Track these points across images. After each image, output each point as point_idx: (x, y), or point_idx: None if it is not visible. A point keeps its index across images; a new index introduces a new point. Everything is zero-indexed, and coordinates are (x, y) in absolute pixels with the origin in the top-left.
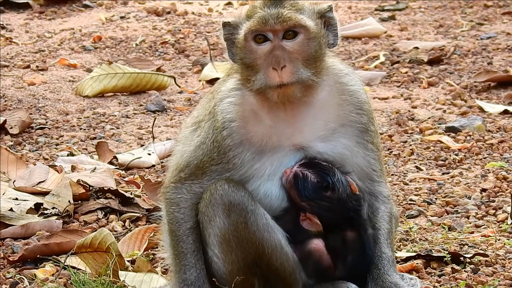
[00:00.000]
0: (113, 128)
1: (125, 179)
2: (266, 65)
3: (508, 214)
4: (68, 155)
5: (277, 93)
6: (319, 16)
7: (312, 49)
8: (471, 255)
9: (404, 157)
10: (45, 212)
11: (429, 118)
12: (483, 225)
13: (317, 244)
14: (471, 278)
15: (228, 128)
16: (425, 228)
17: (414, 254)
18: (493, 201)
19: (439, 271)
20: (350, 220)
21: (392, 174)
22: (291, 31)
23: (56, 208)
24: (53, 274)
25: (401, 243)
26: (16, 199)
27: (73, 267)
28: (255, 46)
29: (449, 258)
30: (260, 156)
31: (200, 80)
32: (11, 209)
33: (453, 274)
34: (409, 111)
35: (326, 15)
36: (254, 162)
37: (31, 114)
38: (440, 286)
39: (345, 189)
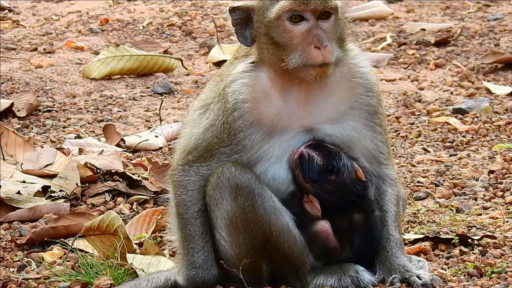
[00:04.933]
0: (120, 111)
1: (133, 161)
2: (305, 44)
3: None
4: (75, 138)
5: (316, 72)
6: None
7: (342, 29)
8: (479, 237)
9: (412, 139)
10: (53, 195)
11: (436, 99)
12: (491, 207)
13: (323, 226)
14: (479, 260)
15: (240, 109)
16: (432, 210)
17: (422, 236)
18: (501, 183)
19: (447, 253)
20: (356, 203)
21: (400, 156)
22: (325, 12)
23: (64, 191)
24: (60, 257)
25: (408, 225)
26: (24, 182)
27: (81, 250)
28: (291, 25)
29: (457, 240)
30: (269, 138)
31: (207, 62)
32: (18, 192)
33: (461, 256)
34: (416, 92)
35: None
36: (263, 144)
37: (38, 97)
38: (448, 268)
39: (350, 174)
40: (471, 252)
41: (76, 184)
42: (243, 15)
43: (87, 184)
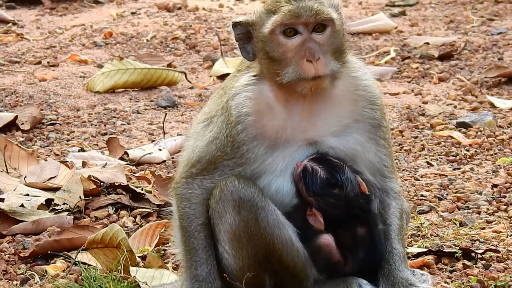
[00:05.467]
0: (124, 124)
1: (136, 174)
2: (298, 58)
3: None
4: (79, 151)
5: (310, 85)
6: (336, 8)
7: (339, 41)
8: (482, 251)
9: (415, 152)
10: (56, 208)
11: (440, 113)
12: (494, 221)
13: (327, 239)
14: (482, 274)
15: (243, 122)
16: (436, 224)
17: (425, 249)
18: (504, 197)
19: (450, 267)
20: (359, 216)
21: (403, 170)
22: (320, 24)
23: (67, 204)
24: (64, 270)
25: (412, 239)
26: (27, 195)
27: (84, 263)
28: (284, 39)
29: (460, 254)
30: (273, 151)
31: (211, 76)
32: (22, 205)
33: (465, 270)
34: (419, 106)
35: (338, 8)
36: (266, 157)
37: (42, 110)
38: (451, 282)
39: (354, 188)
40: (474, 266)
41: (80, 197)
42: (245, 30)
43: (91, 197)
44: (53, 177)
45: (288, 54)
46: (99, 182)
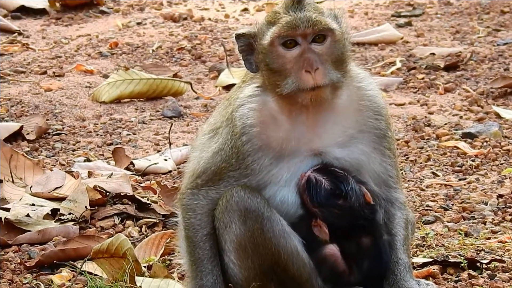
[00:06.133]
0: (129, 134)
1: (142, 184)
2: (297, 69)
3: None
4: (84, 161)
5: (309, 95)
6: (337, 18)
7: (339, 51)
8: (487, 261)
9: (421, 163)
10: (62, 217)
11: (445, 124)
12: (499, 231)
13: (332, 249)
14: (487, 284)
15: (248, 133)
16: (441, 234)
17: (430, 260)
18: (510, 207)
19: (456, 277)
20: (364, 227)
21: (409, 180)
22: (319, 35)
23: (73, 214)
24: (69, 280)
25: (417, 249)
26: (33, 204)
27: (90, 273)
28: (283, 51)
29: (465, 264)
30: (278, 162)
31: (216, 86)
32: (27, 215)
33: (470, 280)
34: (425, 117)
35: (340, 18)
36: (271, 168)
37: (47, 120)
38: None
39: (358, 199)
40: (479, 276)
41: (85, 207)
42: (247, 42)
43: (96, 207)
44: (59, 187)
45: (287, 65)
46: (104, 192)
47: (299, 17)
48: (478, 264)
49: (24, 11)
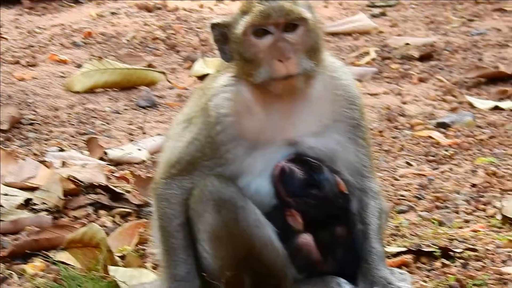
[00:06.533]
0: (103, 124)
1: (115, 174)
2: (269, 58)
3: (497, 209)
4: (58, 151)
5: (282, 85)
6: (310, 8)
7: (312, 40)
8: (460, 250)
9: (394, 152)
10: (35, 207)
11: (419, 113)
12: (472, 220)
13: (306, 239)
14: (460, 273)
15: (222, 123)
16: (415, 223)
17: (404, 249)
18: (483, 196)
19: (429, 266)
20: (338, 216)
21: (382, 170)
22: (291, 24)
23: (46, 204)
24: (42, 270)
25: (391, 238)
26: (6, 194)
27: (63, 263)
28: (256, 40)
29: (439, 253)
30: (252, 151)
31: (191, 76)
32: (0, 205)
33: (443, 269)
34: (399, 106)
35: (311, 8)
36: (246, 157)
37: (21, 109)
38: (430, 280)
39: (332, 188)
40: (452, 264)
41: (59, 197)
42: (222, 32)
43: (70, 197)
44: (32, 177)
45: (260, 55)
46: (78, 182)
47: (271, 6)
48: (451, 253)
49: None
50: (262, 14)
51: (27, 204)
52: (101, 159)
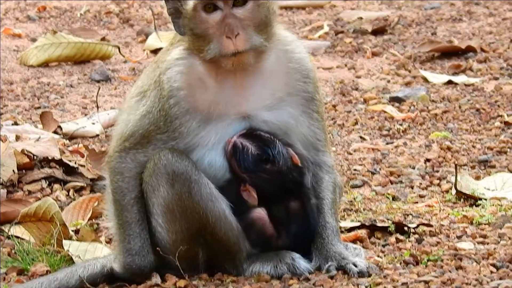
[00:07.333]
0: (57, 98)
1: (69, 148)
2: (219, 34)
3: (452, 184)
4: (12, 125)
5: (231, 61)
6: None
7: (262, 15)
8: (415, 225)
9: (348, 127)
10: None
11: (373, 88)
12: (427, 195)
13: (260, 213)
14: (415, 248)
15: (175, 96)
16: (369, 198)
17: (358, 224)
18: (437, 171)
19: (383, 241)
20: (292, 190)
21: (336, 144)
22: None
23: (0, 178)
24: None
25: (345, 213)
26: None
27: (17, 237)
28: (205, 15)
29: (393, 228)
30: (206, 125)
31: (144, 50)
32: None
33: (397, 244)
34: (353, 81)
35: None
36: (199, 131)
37: None
38: (384, 255)
39: (286, 162)
40: (407, 240)
41: (13, 170)
42: (175, 5)
43: (24, 171)
44: None
45: (209, 31)
46: (32, 155)
47: None
48: (405, 228)
49: None
50: None
51: None
52: (55, 132)
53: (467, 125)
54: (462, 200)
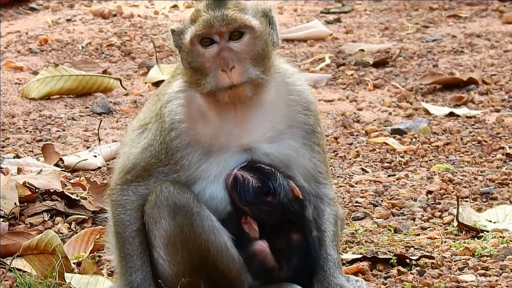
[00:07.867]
0: (59, 130)
1: (71, 181)
2: (215, 68)
3: (454, 216)
4: (14, 157)
5: (228, 94)
6: (263, 15)
7: (259, 48)
8: (417, 257)
9: (350, 159)
10: None
11: (374, 120)
12: (429, 227)
13: (261, 245)
14: (417, 280)
15: (177, 129)
16: (371, 230)
17: (360, 256)
18: (439, 203)
19: (385, 273)
20: (294, 223)
21: (338, 176)
22: (237, 32)
23: (2, 210)
24: None
25: (347, 245)
26: None
27: (19, 270)
28: (202, 49)
29: (395, 260)
30: (207, 157)
31: (146, 83)
32: None
33: (399, 276)
34: (354, 113)
35: (268, 14)
36: (201, 163)
37: None
38: None
39: (287, 194)
40: (409, 272)
41: (15, 203)
42: (178, 38)
43: (26, 204)
44: None
45: (206, 64)
46: (34, 188)
47: (214, 16)
48: (407, 260)
49: None
50: (205, 23)
51: None
52: (57, 165)
53: (468, 157)
54: (464, 232)
